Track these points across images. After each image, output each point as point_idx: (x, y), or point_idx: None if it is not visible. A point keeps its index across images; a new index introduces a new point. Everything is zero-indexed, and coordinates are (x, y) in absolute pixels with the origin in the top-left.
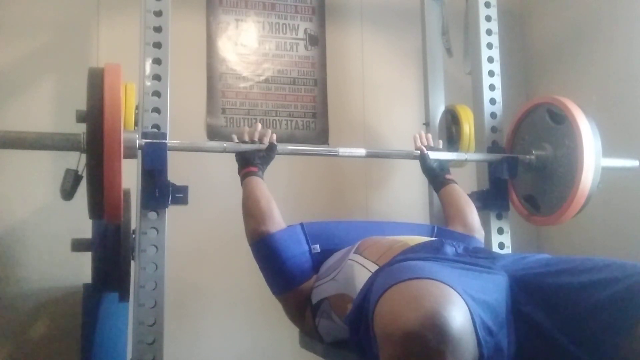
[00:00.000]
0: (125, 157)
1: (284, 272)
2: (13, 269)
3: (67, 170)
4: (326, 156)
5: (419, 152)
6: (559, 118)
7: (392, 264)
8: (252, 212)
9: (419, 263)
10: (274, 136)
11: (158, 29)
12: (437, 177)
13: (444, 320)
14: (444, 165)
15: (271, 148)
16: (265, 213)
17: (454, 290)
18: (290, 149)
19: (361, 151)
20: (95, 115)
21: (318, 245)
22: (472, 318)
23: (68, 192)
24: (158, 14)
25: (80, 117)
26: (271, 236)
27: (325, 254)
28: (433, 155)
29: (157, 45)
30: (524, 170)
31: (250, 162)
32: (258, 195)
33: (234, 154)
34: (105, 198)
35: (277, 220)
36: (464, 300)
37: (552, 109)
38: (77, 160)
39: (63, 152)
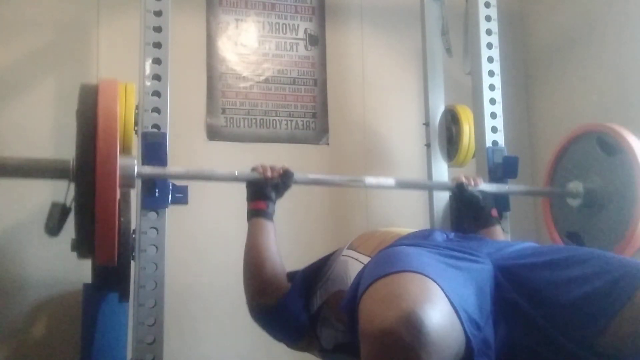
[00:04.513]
0: (122, 186)
1: (294, 330)
2: (13, 268)
3: (53, 204)
4: (350, 187)
5: (454, 183)
6: (611, 148)
7: (381, 251)
8: (253, 276)
9: (405, 250)
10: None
11: (158, 29)
12: (481, 209)
13: (419, 319)
14: (488, 197)
15: (286, 175)
16: (268, 282)
17: (437, 285)
18: (312, 178)
19: (390, 181)
20: (87, 140)
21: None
22: (458, 314)
23: (53, 230)
24: (158, 14)
25: None
26: (278, 305)
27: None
28: (472, 188)
29: (157, 45)
30: (568, 206)
31: (261, 194)
32: (262, 255)
33: (245, 183)
34: (96, 237)
35: (281, 284)
36: (448, 297)
37: (603, 138)
38: (66, 194)
39: (65, 152)
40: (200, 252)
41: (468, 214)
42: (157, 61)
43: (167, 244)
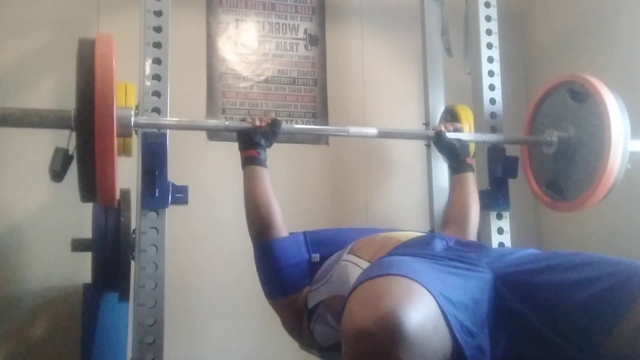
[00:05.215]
0: (119, 135)
1: (279, 279)
2: (13, 269)
3: (57, 149)
4: (335, 136)
5: (434, 132)
6: (581, 96)
7: (378, 259)
8: (251, 216)
9: (399, 259)
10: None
11: (158, 29)
12: (457, 157)
13: (397, 319)
14: (465, 146)
15: (274, 123)
16: (264, 220)
17: (425, 288)
18: (297, 127)
19: (372, 131)
20: (85, 89)
21: (318, 255)
22: (447, 319)
23: (57, 173)
24: (158, 14)
25: None
26: (269, 244)
27: (324, 262)
28: (451, 135)
29: (157, 45)
30: (545, 155)
31: (251, 141)
32: (258, 196)
33: (236, 133)
34: (97, 179)
35: (277, 226)
36: (436, 301)
37: (573, 88)
38: (68, 141)
39: None
40: (200, 252)
41: (448, 155)
42: (157, 61)
43: (167, 244)
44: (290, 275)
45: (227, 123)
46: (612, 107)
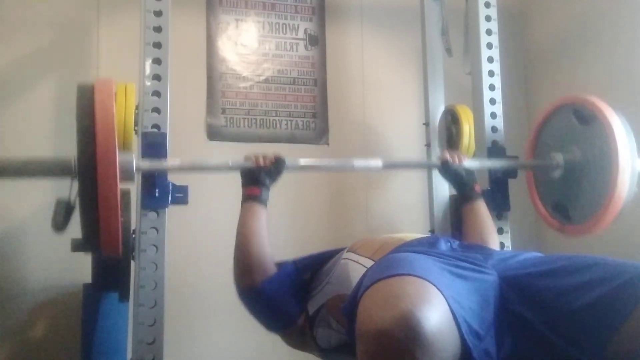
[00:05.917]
0: (122, 180)
1: (277, 315)
2: (13, 269)
3: (58, 201)
4: (340, 171)
5: (439, 161)
6: (586, 118)
7: (386, 255)
8: (240, 257)
9: (410, 256)
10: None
11: (158, 29)
12: (465, 185)
13: (416, 320)
14: (471, 173)
15: (278, 162)
16: (254, 263)
17: (438, 290)
18: (302, 164)
19: (377, 162)
20: (87, 137)
21: (309, 272)
22: (457, 322)
23: (60, 226)
24: (158, 14)
25: None
26: (260, 288)
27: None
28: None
29: (157, 45)
30: (551, 177)
31: (255, 179)
32: (251, 232)
33: (240, 171)
34: (101, 230)
35: (267, 267)
36: (448, 304)
37: (578, 109)
38: (70, 182)
39: (65, 150)
40: (200, 252)
41: (455, 184)
42: (157, 61)
43: (167, 244)
44: (287, 307)
45: (230, 163)
46: (618, 130)
